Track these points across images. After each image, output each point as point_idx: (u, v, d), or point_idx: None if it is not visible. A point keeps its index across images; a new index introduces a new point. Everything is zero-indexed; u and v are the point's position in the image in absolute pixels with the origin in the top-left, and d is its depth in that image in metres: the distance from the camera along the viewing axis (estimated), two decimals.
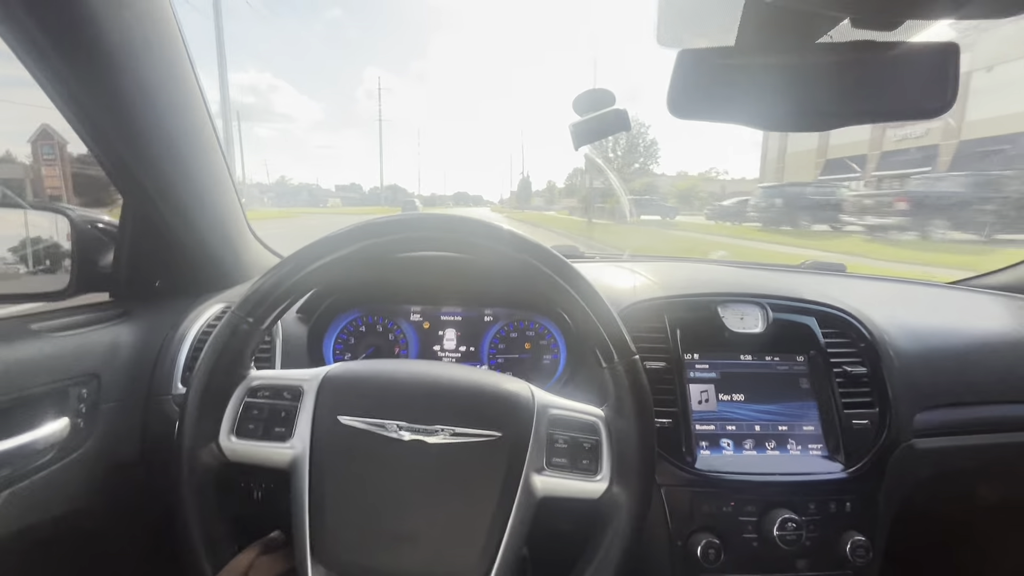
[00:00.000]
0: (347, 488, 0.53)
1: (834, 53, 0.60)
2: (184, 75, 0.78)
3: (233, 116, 20.45)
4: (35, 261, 0.86)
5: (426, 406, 0.56)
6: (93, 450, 0.74)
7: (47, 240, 0.85)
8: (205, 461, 0.54)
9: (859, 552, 0.72)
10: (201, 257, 0.94)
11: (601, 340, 0.56)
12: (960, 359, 0.91)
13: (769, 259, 1.81)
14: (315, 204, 73.84)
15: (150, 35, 0.70)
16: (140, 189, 0.79)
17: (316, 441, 0.54)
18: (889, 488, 0.79)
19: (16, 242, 0.84)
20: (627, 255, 1.35)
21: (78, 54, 0.63)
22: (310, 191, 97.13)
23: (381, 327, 0.98)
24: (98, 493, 0.76)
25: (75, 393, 0.73)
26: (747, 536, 0.74)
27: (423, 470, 0.53)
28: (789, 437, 0.80)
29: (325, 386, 0.57)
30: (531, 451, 0.55)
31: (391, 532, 0.52)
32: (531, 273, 0.56)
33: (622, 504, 0.55)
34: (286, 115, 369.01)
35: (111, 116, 0.70)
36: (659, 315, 0.85)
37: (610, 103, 0.77)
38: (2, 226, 0.84)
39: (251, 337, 0.57)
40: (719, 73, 0.62)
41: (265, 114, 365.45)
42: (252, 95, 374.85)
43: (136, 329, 0.84)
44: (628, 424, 0.56)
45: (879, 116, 0.64)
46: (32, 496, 0.66)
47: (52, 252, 0.86)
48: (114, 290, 0.88)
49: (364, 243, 0.56)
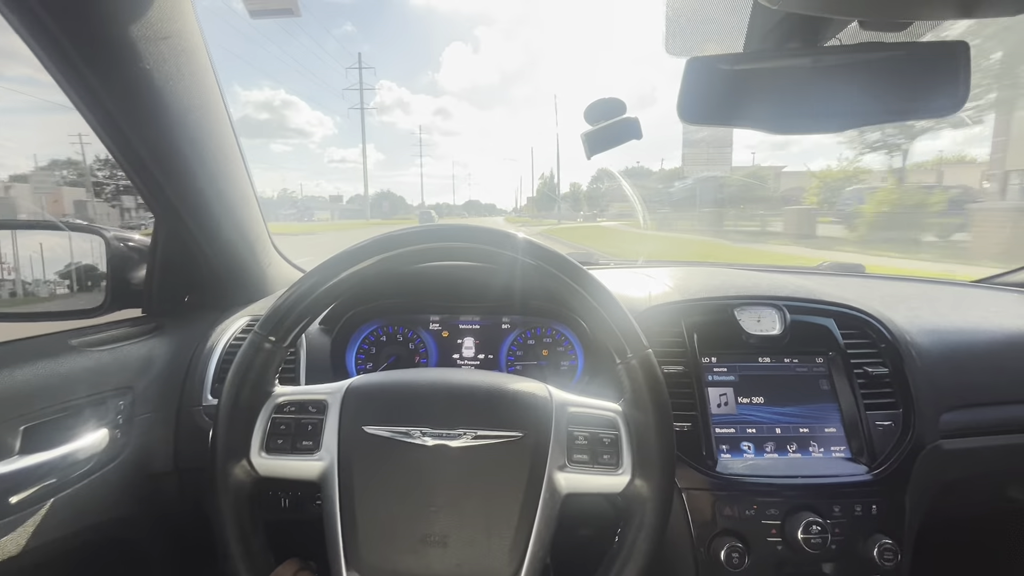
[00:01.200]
0: (376, 495, 0.55)
1: (844, 55, 0.60)
2: (213, 101, 0.82)
3: (245, 132, 20.34)
4: (73, 279, 0.90)
5: (447, 411, 0.57)
6: (130, 460, 0.77)
7: (84, 259, 0.89)
8: (239, 477, 0.56)
9: (887, 556, 0.71)
10: (228, 273, 0.97)
11: (614, 337, 0.57)
12: (985, 358, 0.89)
13: None
14: (301, 219, 60.89)
15: (183, 65, 0.74)
16: (171, 209, 0.83)
17: (343, 452, 0.56)
18: (916, 490, 0.77)
19: (56, 262, 0.89)
20: (641, 261, 1.35)
21: (117, 84, 0.67)
22: (295, 203, 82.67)
23: (401, 337, 1.00)
24: (135, 501, 0.79)
25: (112, 405, 0.76)
26: (771, 540, 0.73)
27: (448, 473, 0.54)
28: (811, 439, 0.80)
29: (348, 398, 0.59)
30: (552, 449, 0.56)
31: (421, 535, 0.53)
32: (546, 279, 0.58)
33: (646, 496, 0.55)
34: (300, 130, 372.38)
35: (145, 141, 0.74)
36: (676, 319, 0.85)
37: (621, 112, 0.79)
38: (43, 247, 0.88)
39: (274, 355, 0.58)
40: (728, 79, 0.62)
41: (280, 130, 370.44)
42: (266, 111, 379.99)
43: (167, 343, 0.88)
44: (646, 417, 0.56)
45: (891, 116, 0.64)
46: (74, 504, 0.69)
47: (88, 271, 0.90)
48: (146, 306, 0.92)
49: (380, 256, 0.57)
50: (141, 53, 0.67)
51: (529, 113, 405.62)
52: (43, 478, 0.65)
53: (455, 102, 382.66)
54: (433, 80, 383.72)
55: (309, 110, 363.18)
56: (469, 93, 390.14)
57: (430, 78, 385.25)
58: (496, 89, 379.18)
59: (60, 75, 0.64)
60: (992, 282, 1.24)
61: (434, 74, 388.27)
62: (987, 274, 1.26)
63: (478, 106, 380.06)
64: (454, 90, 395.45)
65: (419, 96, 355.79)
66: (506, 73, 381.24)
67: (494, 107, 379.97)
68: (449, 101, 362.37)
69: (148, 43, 0.67)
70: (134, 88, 0.68)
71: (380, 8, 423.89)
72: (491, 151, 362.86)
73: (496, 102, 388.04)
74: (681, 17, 0.74)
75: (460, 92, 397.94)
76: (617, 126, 0.77)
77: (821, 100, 0.63)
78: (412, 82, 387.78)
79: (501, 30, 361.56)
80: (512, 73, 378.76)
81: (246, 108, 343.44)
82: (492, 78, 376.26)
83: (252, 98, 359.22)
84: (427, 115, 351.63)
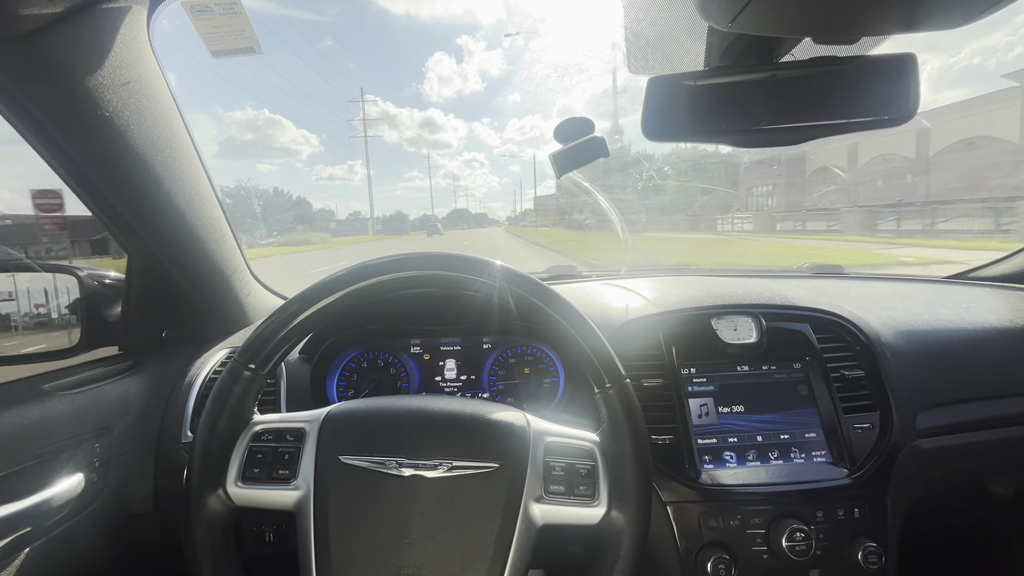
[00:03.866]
0: (351, 525, 0.54)
1: (798, 69, 0.62)
2: (180, 140, 0.82)
3: (230, 154, 19.54)
4: (47, 320, 0.89)
5: (424, 441, 0.57)
6: (107, 503, 0.76)
7: (58, 299, 0.88)
8: (213, 507, 0.56)
9: (871, 559, 0.71)
10: (205, 305, 0.97)
11: (591, 366, 0.57)
12: (959, 355, 0.90)
13: None
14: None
15: (144, 109, 0.74)
16: (142, 245, 0.83)
17: (319, 481, 0.56)
18: (897, 491, 0.78)
19: (29, 302, 0.88)
20: (624, 270, 1.36)
21: (79, 133, 0.68)
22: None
23: (382, 362, 1.00)
24: (114, 545, 0.78)
25: (89, 448, 0.75)
26: (756, 549, 0.73)
27: (423, 505, 0.54)
28: (792, 445, 0.80)
29: (326, 427, 0.59)
30: (529, 480, 0.56)
31: (395, 567, 0.53)
32: (520, 303, 0.58)
33: (621, 528, 0.55)
34: (287, 149, 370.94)
35: (111, 185, 0.74)
36: (654, 332, 0.86)
37: (589, 131, 0.80)
38: (15, 288, 0.87)
39: (253, 384, 0.58)
40: (689, 95, 0.64)
41: (266, 150, 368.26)
42: (250, 132, 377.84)
43: (145, 380, 0.87)
44: (623, 448, 0.56)
45: (847, 127, 0.66)
46: (48, 553, 0.67)
47: (62, 311, 0.89)
48: (123, 343, 0.91)
49: (356, 286, 0.58)
50: (100, 101, 0.67)
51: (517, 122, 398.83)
52: (16, 527, 0.64)
53: (441, 115, 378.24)
54: (417, 92, 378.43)
55: (294, 128, 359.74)
56: (454, 104, 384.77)
57: (414, 90, 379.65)
58: (482, 97, 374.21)
59: (20, 124, 0.64)
60: (965, 278, 1.27)
61: (418, 86, 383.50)
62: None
63: (465, 118, 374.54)
64: (438, 101, 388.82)
65: (404, 109, 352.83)
66: (492, 81, 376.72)
67: (481, 116, 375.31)
68: (435, 113, 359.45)
69: (107, 91, 0.67)
70: (96, 135, 0.69)
71: (360, 22, 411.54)
72: (480, 161, 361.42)
73: (484, 111, 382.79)
74: (640, 38, 0.75)
75: (445, 103, 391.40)
76: (585, 145, 0.78)
77: (781, 113, 0.64)
78: (396, 95, 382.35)
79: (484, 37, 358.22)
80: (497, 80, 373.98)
81: (230, 129, 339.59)
82: (476, 87, 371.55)
83: (235, 119, 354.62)
84: (413, 128, 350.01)
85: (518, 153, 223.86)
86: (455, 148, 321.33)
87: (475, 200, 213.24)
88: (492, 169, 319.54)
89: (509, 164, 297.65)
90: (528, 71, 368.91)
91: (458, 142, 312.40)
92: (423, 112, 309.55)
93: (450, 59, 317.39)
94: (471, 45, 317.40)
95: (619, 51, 0.79)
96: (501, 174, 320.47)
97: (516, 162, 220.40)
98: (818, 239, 12.38)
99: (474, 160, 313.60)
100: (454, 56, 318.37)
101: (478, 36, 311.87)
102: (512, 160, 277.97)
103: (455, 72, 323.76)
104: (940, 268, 1.45)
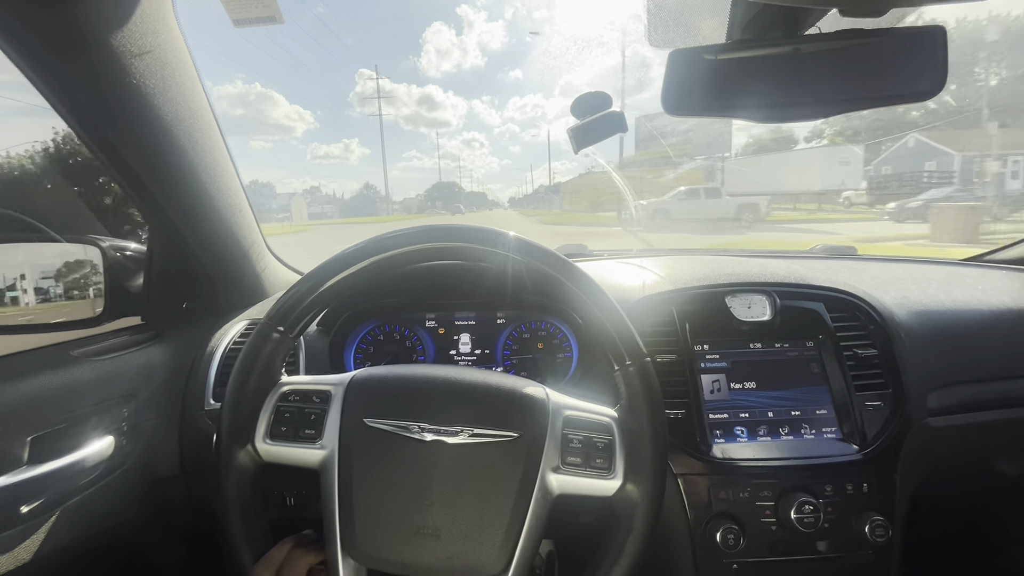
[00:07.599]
0: (373, 486, 0.56)
1: (824, 42, 0.61)
2: (201, 111, 0.82)
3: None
4: (73, 290, 0.91)
5: (447, 407, 0.58)
6: (136, 466, 0.79)
7: (82, 271, 0.90)
8: (242, 461, 0.58)
9: (878, 532, 0.73)
10: (224, 278, 0.98)
11: (612, 343, 0.58)
12: (972, 336, 0.90)
13: None
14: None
15: (168, 77, 0.74)
16: (165, 218, 0.84)
17: (344, 442, 0.58)
18: (906, 468, 0.79)
19: (54, 274, 0.90)
20: (635, 251, 1.36)
21: (105, 100, 0.68)
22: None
23: (398, 335, 1.02)
24: (142, 507, 0.81)
25: (117, 413, 0.77)
26: (765, 520, 0.75)
27: (444, 469, 0.56)
28: (803, 422, 0.81)
29: (351, 390, 0.61)
30: (547, 450, 0.57)
31: (415, 527, 0.55)
32: (539, 277, 0.59)
33: (635, 501, 0.56)
34: (280, 126, 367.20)
35: (135, 154, 0.75)
36: (668, 309, 0.86)
37: (607, 106, 0.79)
38: (41, 259, 0.89)
39: (281, 346, 0.60)
40: (711, 69, 0.63)
41: (259, 126, 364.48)
42: (242, 107, 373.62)
43: (168, 349, 0.89)
44: (640, 424, 0.57)
45: (873, 101, 0.65)
46: (82, 511, 0.71)
47: (86, 281, 0.91)
48: (145, 314, 0.93)
49: (377, 257, 0.59)
50: (126, 68, 0.67)
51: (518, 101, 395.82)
52: (51, 487, 0.67)
53: (439, 91, 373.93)
54: (415, 66, 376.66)
55: (287, 104, 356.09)
56: (453, 80, 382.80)
57: (411, 63, 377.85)
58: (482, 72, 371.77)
59: (48, 92, 0.64)
60: (981, 260, 1.26)
61: (415, 59, 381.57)
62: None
63: (464, 95, 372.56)
64: (437, 76, 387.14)
65: (401, 85, 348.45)
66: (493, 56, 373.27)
67: (481, 94, 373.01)
68: (434, 90, 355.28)
69: (132, 58, 0.68)
70: (121, 103, 0.69)
71: None
72: (480, 142, 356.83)
73: (484, 88, 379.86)
74: (663, 10, 0.74)
75: (444, 79, 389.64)
76: (603, 120, 0.78)
77: (804, 88, 0.63)
78: (393, 70, 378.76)
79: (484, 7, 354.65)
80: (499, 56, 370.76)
81: (220, 103, 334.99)
82: (477, 61, 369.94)
83: (226, 92, 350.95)
84: (411, 105, 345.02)
85: (536, 130, 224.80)
86: (454, 127, 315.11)
87: (475, 180, 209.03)
88: (492, 150, 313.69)
89: (509, 145, 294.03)
90: (536, 47, 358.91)
91: (458, 120, 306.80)
92: (421, 88, 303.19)
93: (449, 30, 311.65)
94: (471, 15, 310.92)
95: (640, 23, 0.78)
96: (501, 155, 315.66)
97: (517, 142, 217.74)
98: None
99: (474, 140, 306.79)
100: (453, 27, 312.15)
101: (478, 5, 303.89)
102: (512, 140, 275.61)
103: (454, 44, 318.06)
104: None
